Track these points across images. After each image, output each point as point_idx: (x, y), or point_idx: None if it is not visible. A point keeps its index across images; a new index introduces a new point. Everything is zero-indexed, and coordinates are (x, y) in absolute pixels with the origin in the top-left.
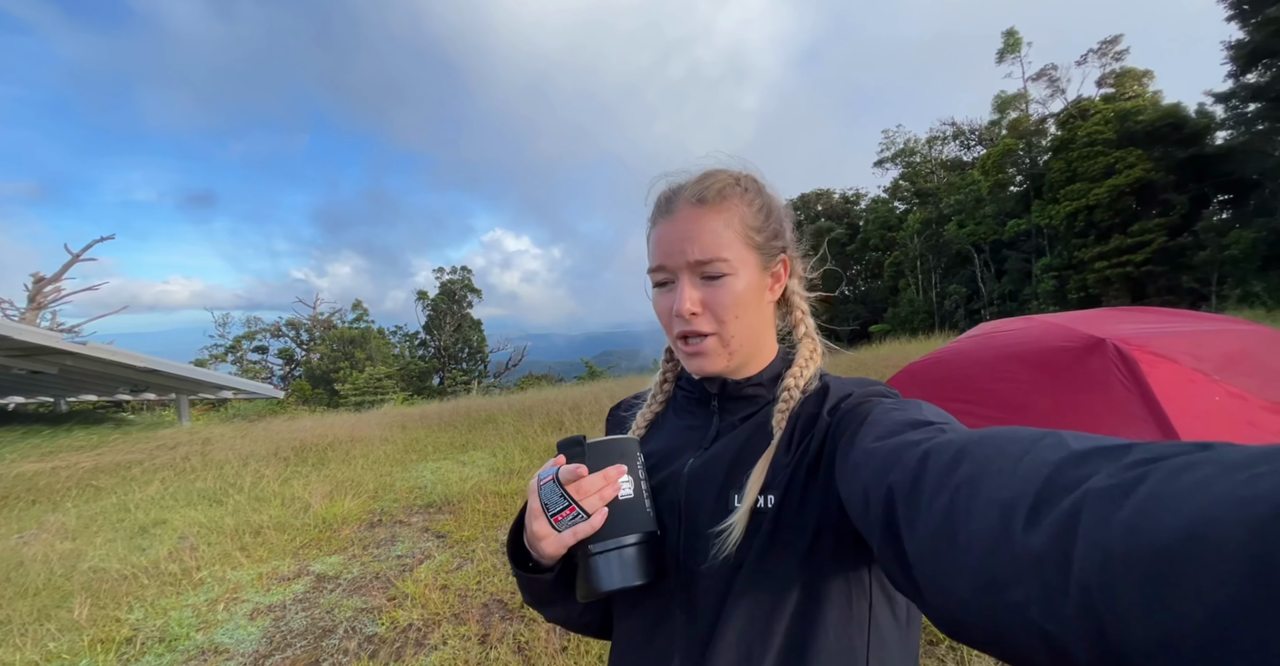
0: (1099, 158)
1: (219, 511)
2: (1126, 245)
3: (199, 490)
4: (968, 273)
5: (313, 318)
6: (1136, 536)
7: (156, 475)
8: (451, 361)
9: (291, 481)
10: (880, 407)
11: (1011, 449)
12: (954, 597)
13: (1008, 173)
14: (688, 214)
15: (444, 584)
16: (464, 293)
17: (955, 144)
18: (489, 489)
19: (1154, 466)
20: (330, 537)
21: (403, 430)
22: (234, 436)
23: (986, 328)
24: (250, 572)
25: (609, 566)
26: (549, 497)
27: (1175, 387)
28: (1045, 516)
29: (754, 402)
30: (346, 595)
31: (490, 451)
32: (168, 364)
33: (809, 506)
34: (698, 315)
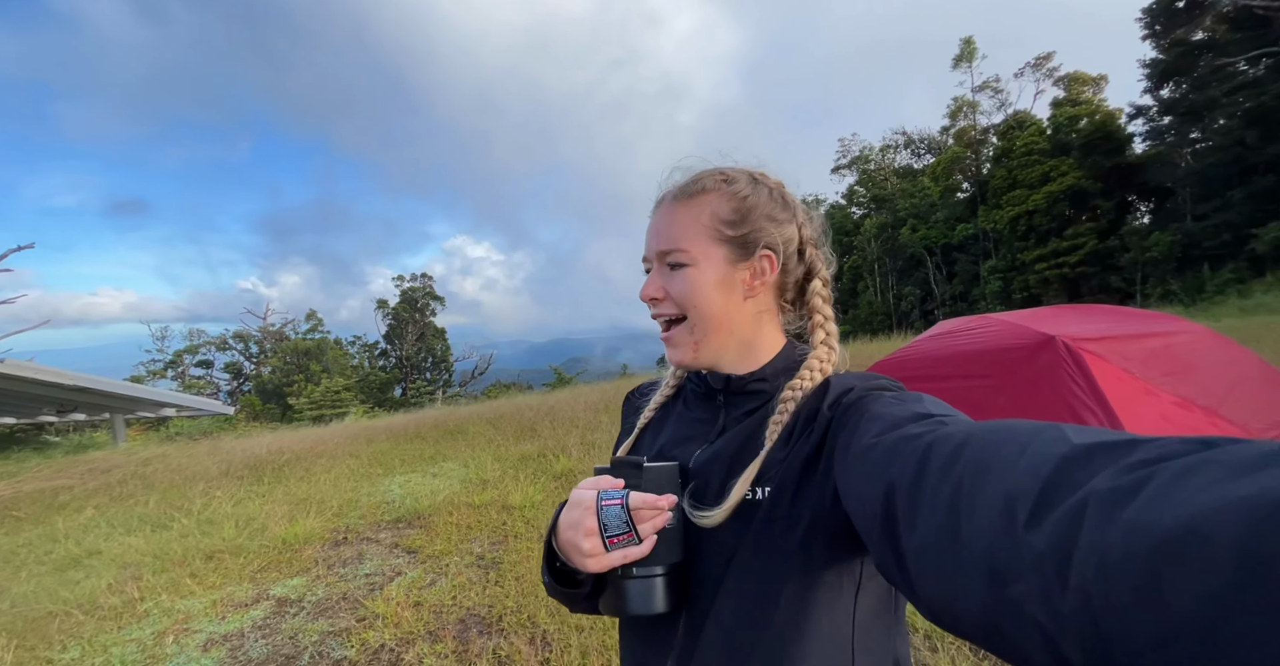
0: (1036, 166)
1: (165, 537)
2: (1062, 248)
3: (140, 515)
4: (921, 275)
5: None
6: (1136, 535)
7: (89, 501)
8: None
9: (246, 501)
10: (881, 401)
11: (1012, 442)
12: (952, 592)
13: (955, 179)
14: (667, 208)
15: (417, 601)
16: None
17: (907, 152)
18: (461, 501)
19: (1158, 467)
20: (291, 559)
21: (367, 443)
22: (178, 456)
23: (945, 326)
24: (203, 600)
25: (641, 592)
26: (611, 520)
27: (1110, 383)
28: (1049, 515)
29: (758, 397)
30: (311, 618)
31: (461, 462)
32: (100, 381)
33: (803, 499)
34: (659, 300)
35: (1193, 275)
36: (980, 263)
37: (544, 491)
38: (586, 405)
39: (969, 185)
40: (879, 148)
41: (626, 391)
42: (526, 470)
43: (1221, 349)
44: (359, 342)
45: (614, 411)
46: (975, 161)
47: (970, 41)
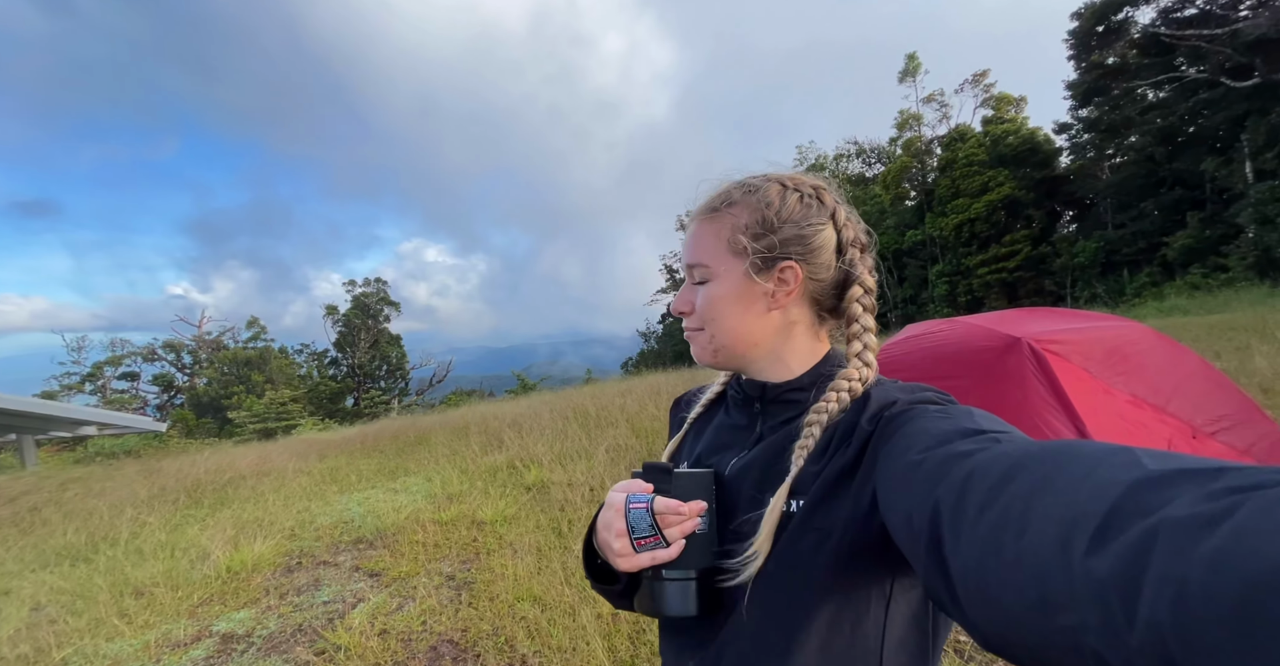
0: (976, 176)
1: (86, 571)
2: (1002, 254)
3: (57, 548)
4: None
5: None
6: (1222, 571)
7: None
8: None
9: (184, 527)
10: (927, 415)
11: (1076, 465)
12: (1000, 615)
13: (904, 188)
14: (694, 223)
15: (383, 628)
16: (380, 306)
17: (859, 161)
18: (427, 517)
19: (1248, 495)
20: (237, 589)
21: (319, 459)
22: (101, 479)
23: (914, 329)
24: (133, 642)
25: (672, 594)
26: (638, 522)
27: (1071, 382)
28: (1113, 540)
29: (796, 406)
30: (262, 655)
31: (425, 476)
32: (4, 398)
33: (836, 512)
34: (686, 314)
35: (1114, 279)
36: (928, 267)
37: (516, 504)
38: (554, 412)
39: (916, 193)
40: (833, 156)
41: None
42: (496, 482)
43: (1163, 347)
44: (307, 351)
45: (583, 419)
46: (922, 171)
47: (914, 57)
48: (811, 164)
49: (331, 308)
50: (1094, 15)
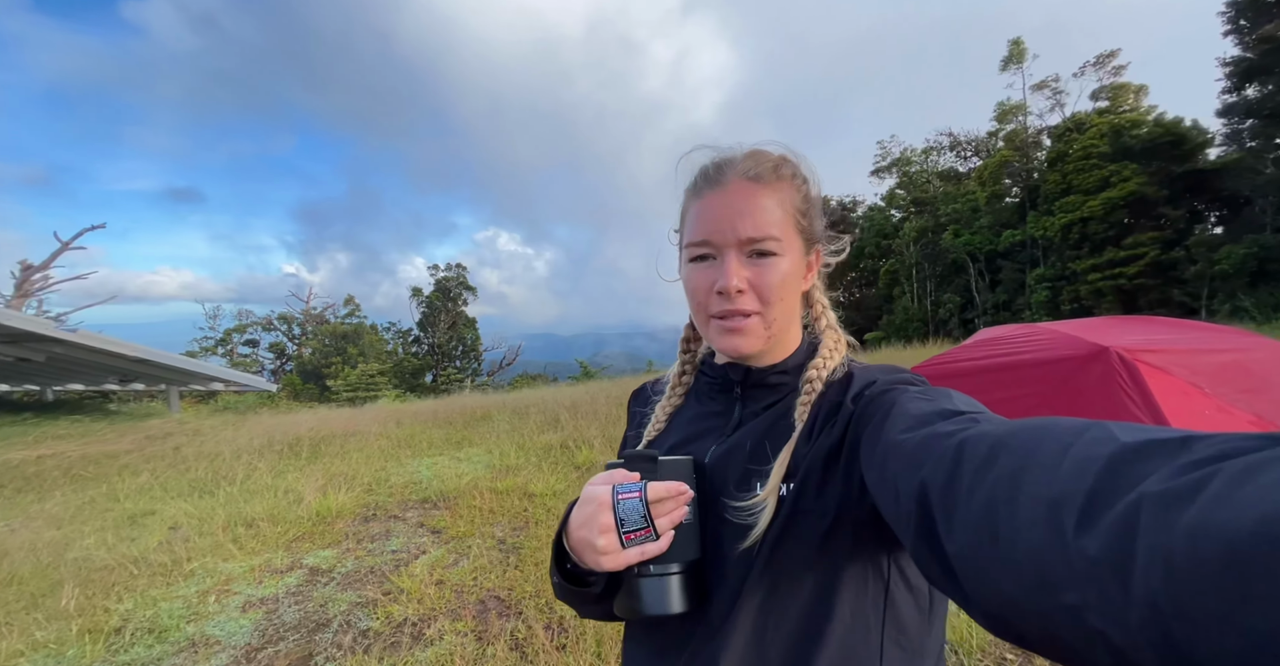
0: (1094, 171)
1: (210, 502)
2: (1119, 258)
3: (190, 481)
4: (963, 282)
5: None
6: (1203, 540)
7: (146, 465)
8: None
9: (285, 474)
10: (907, 396)
11: (1054, 441)
12: (1001, 598)
13: (1004, 184)
14: (741, 188)
15: (440, 579)
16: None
17: (952, 154)
18: (485, 486)
19: (1219, 466)
20: (324, 531)
21: (397, 425)
22: (225, 428)
23: (987, 334)
24: (242, 564)
25: (657, 590)
26: (628, 514)
27: (1172, 398)
28: (1100, 518)
29: (777, 391)
30: (340, 589)
31: (486, 448)
32: (159, 354)
33: (827, 494)
34: (743, 293)
35: (1269, 291)
36: (1027, 271)
37: (565, 481)
38: (609, 399)
39: (1018, 190)
40: (921, 150)
41: None
42: (549, 459)
43: None
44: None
45: None
46: (1025, 165)
47: (1019, 42)
48: (896, 159)
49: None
50: None
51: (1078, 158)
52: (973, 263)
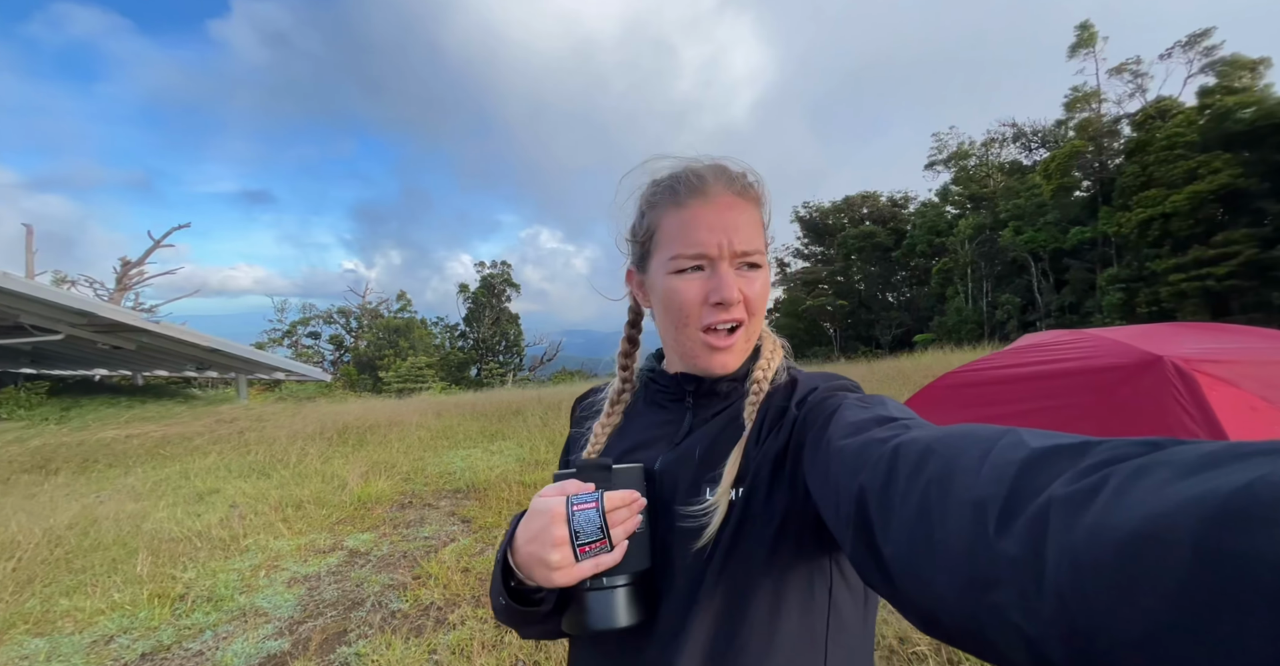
0: (1179, 162)
1: (266, 484)
2: (1208, 257)
3: (250, 463)
4: (1023, 282)
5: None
6: (1099, 539)
7: (215, 447)
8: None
9: (332, 460)
10: (846, 403)
11: (974, 447)
12: (932, 597)
13: (1073, 177)
14: (729, 202)
15: (466, 567)
16: (503, 287)
17: (1015, 146)
18: (514, 478)
19: (1112, 470)
20: (364, 515)
21: (437, 417)
22: (285, 415)
23: (1030, 340)
24: (290, 543)
25: (612, 603)
26: (584, 526)
27: (1236, 413)
28: (1016, 520)
29: (726, 398)
30: (375, 571)
31: (518, 442)
32: (230, 345)
33: (775, 498)
34: (737, 305)
35: None
36: (1098, 271)
37: None
38: None
39: (1089, 183)
40: (981, 142)
41: None
42: None
43: None
44: (441, 323)
45: None
46: (1099, 156)
47: (1088, 26)
48: (953, 152)
49: (464, 286)
50: None
51: (1161, 147)
52: (1035, 262)
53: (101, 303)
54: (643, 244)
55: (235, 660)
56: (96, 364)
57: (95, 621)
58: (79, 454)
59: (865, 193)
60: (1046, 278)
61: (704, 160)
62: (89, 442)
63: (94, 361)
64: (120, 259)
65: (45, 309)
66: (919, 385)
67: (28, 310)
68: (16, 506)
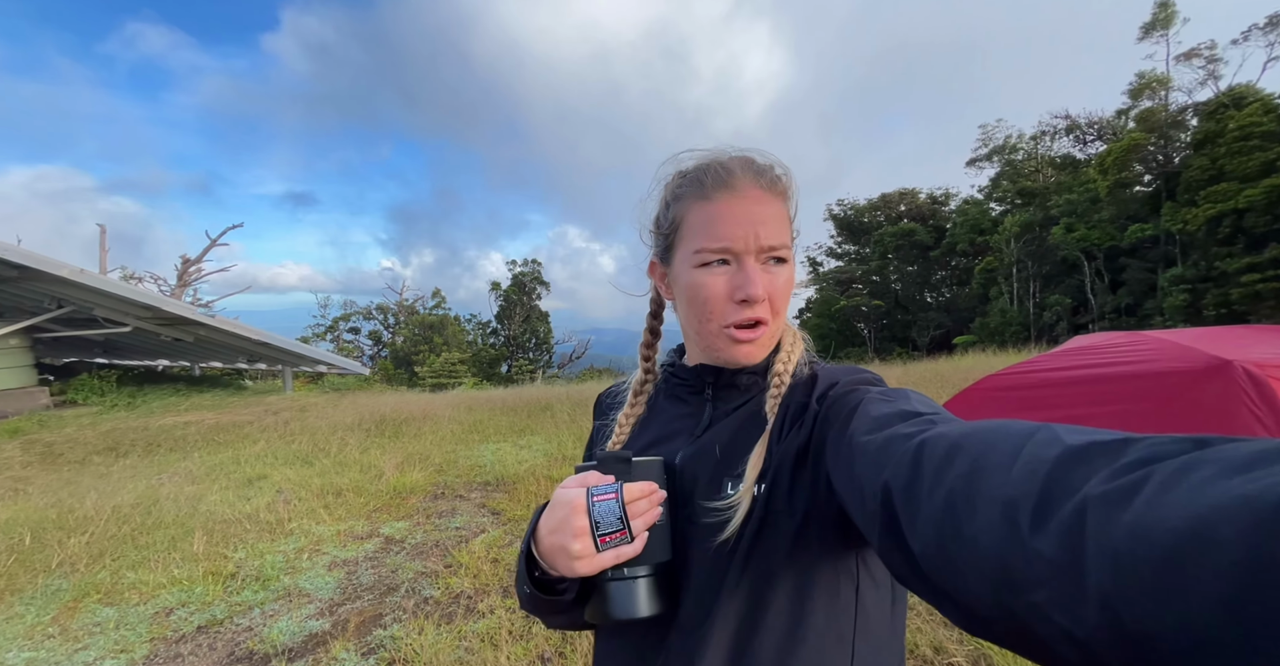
0: (1255, 154)
1: (309, 471)
2: None
3: (294, 451)
4: (1074, 282)
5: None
6: (1143, 539)
7: (263, 435)
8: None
9: (370, 450)
10: (869, 397)
11: (1006, 443)
12: (968, 595)
13: (1133, 171)
14: (756, 196)
15: (495, 558)
16: (534, 285)
17: (1069, 139)
18: (542, 472)
19: (1154, 468)
20: (399, 504)
21: (469, 411)
22: (327, 406)
23: (1080, 342)
24: (331, 528)
25: (633, 593)
26: (604, 517)
27: None
28: (1050, 519)
29: (747, 392)
30: (410, 558)
31: (546, 437)
32: (277, 338)
33: (797, 493)
34: (762, 302)
35: None
36: (1159, 271)
37: None
38: None
39: (1151, 178)
40: (1030, 135)
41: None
42: None
43: None
44: (474, 320)
45: None
46: (1164, 148)
47: (1168, 4)
48: (998, 146)
49: (495, 283)
50: None
51: (1234, 138)
52: (1089, 260)
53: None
54: (667, 236)
55: (280, 636)
56: (160, 354)
57: (157, 594)
58: (144, 438)
59: (903, 189)
60: (1101, 278)
61: (731, 152)
62: (152, 428)
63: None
64: (181, 256)
65: (116, 303)
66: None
67: (102, 304)
68: (90, 485)
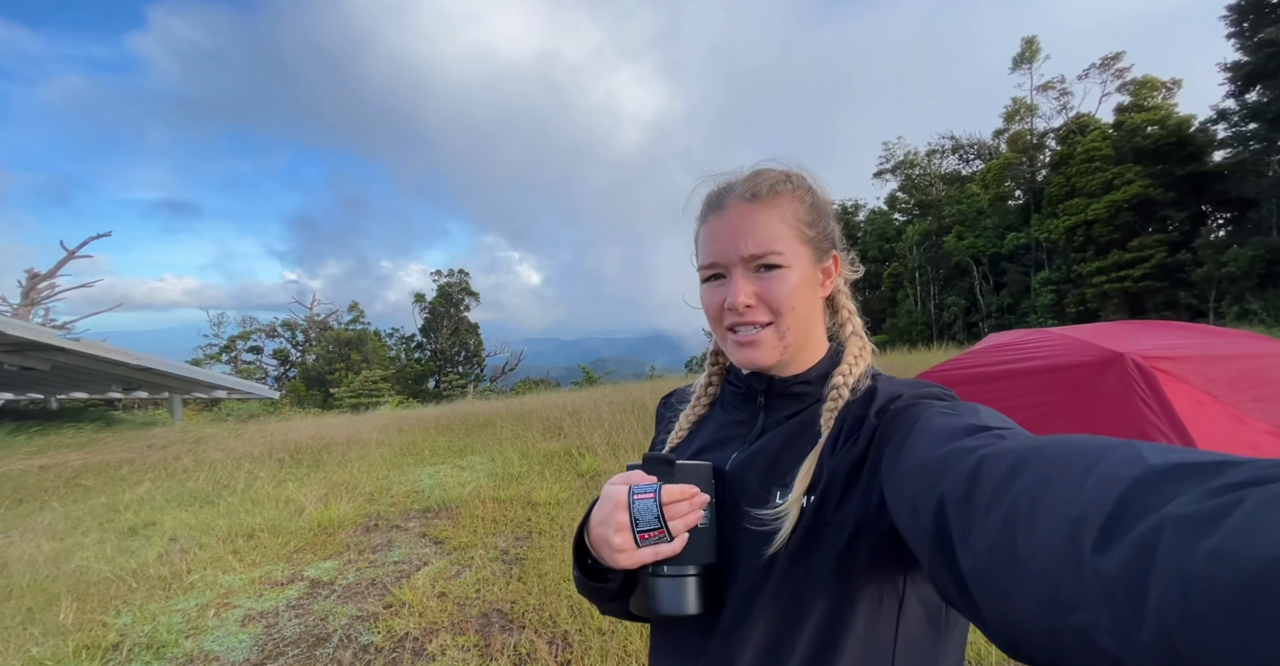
0: (1097, 174)
1: (211, 513)
2: (1125, 260)
3: (191, 491)
4: (966, 285)
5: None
6: (1224, 565)
7: (147, 475)
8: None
9: (286, 483)
10: (932, 411)
11: (1079, 460)
12: (1013, 615)
13: (1007, 186)
14: (740, 210)
15: (442, 591)
16: (461, 295)
17: (955, 157)
18: (487, 494)
19: (1249, 491)
20: (325, 542)
21: (399, 433)
22: (227, 436)
23: (996, 339)
24: (243, 577)
25: (671, 591)
26: (642, 514)
27: (1189, 408)
28: (1120, 538)
29: (801, 401)
30: (341, 602)
31: (489, 456)
32: (162, 362)
33: (848, 508)
34: (752, 308)
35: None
36: (1032, 274)
37: (569, 489)
38: (612, 405)
39: (1022, 193)
40: (924, 152)
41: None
42: (552, 467)
43: None
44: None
45: (640, 412)
46: (1030, 167)
47: (1033, 42)
48: (899, 161)
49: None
50: None
51: (1081, 160)
52: (976, 265)
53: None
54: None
55: None
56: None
57: None
58: None
59: None
60: (987, 281)
61: (738, 173)
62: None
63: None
64: (27, 271)
65: None
66: None
67: None
68: None
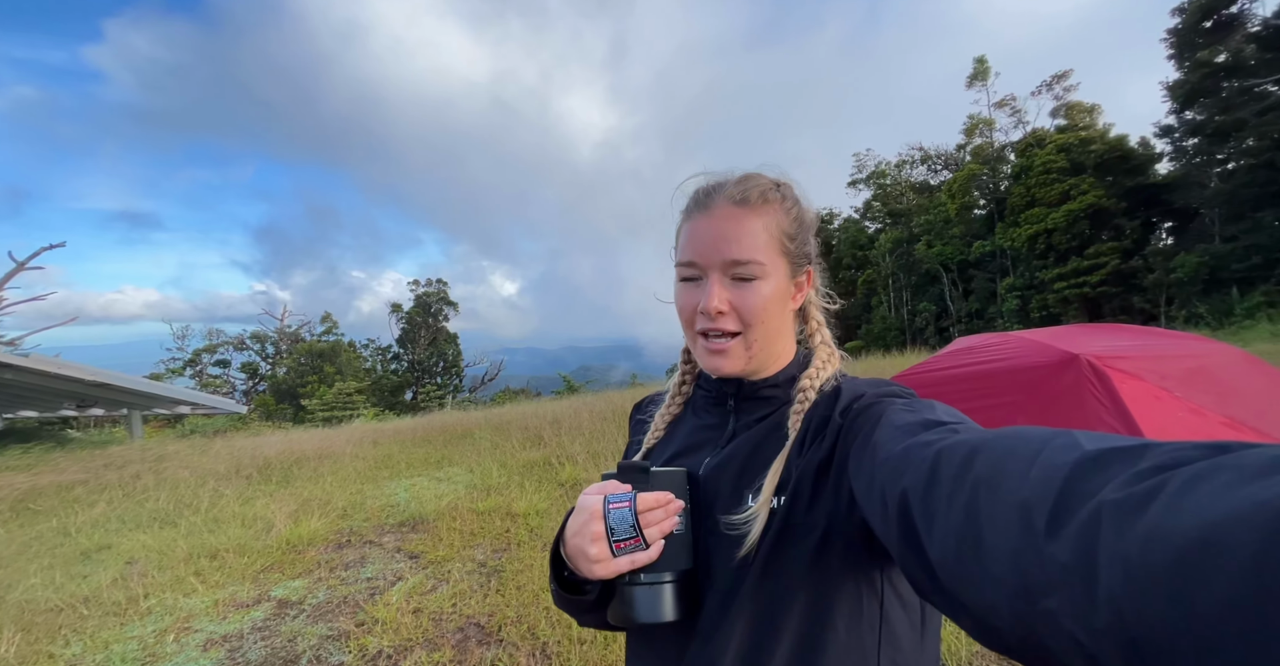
0: (1054, 185)
1: (172, 533)
2: (1083, 267)
3: (150, 511)
4: (937, 291)
5: (279, 330)
6: (1156, 545)
7: (102, 495)
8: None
9: (254, 500)
10: (893, 408)
11: (1024, 448)
12: (984, 604)
13: (973, 196)
14: (728, 213)
15: (417, 607)
16: (439, 305)
17: (924, 168)
18: (465, 507)
19: (1171, 474)
20: (294, 560)
21: (374, 446)
22: (191, 453)
23: (962, 343)
24: (205, 599)
25: (649, 599)
26: (618, 523)
27: (1144, 403)
28: (1066, 525)
29: (770, 403)
30: (310, 621)
31: (467, 467)
32: (119, 377)
33: (818, 507)
34: (724, 315)
35: (1221, 298)
36: (998, 280)
37: (549, 499)
38: (593, 414)
39: (986, 202)
40: (895, 163)
41: (633, 401)
42: (531, 477)
43: (1257, 370)
44: (372, 346)
45: (620, 420)
46: (993, 178)
47: (983, 60)
48: (871, 171)
49: (396, 305)
50: (1200, 10)
51: (1039, 172)
52: (946, 272)
53: None
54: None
55: None
56: None
57: None
58: None
59: None
60: (956, 287)
61: (729, 174)
62: None
63: None
64: None
65: None
66: None
67: None
68: None
